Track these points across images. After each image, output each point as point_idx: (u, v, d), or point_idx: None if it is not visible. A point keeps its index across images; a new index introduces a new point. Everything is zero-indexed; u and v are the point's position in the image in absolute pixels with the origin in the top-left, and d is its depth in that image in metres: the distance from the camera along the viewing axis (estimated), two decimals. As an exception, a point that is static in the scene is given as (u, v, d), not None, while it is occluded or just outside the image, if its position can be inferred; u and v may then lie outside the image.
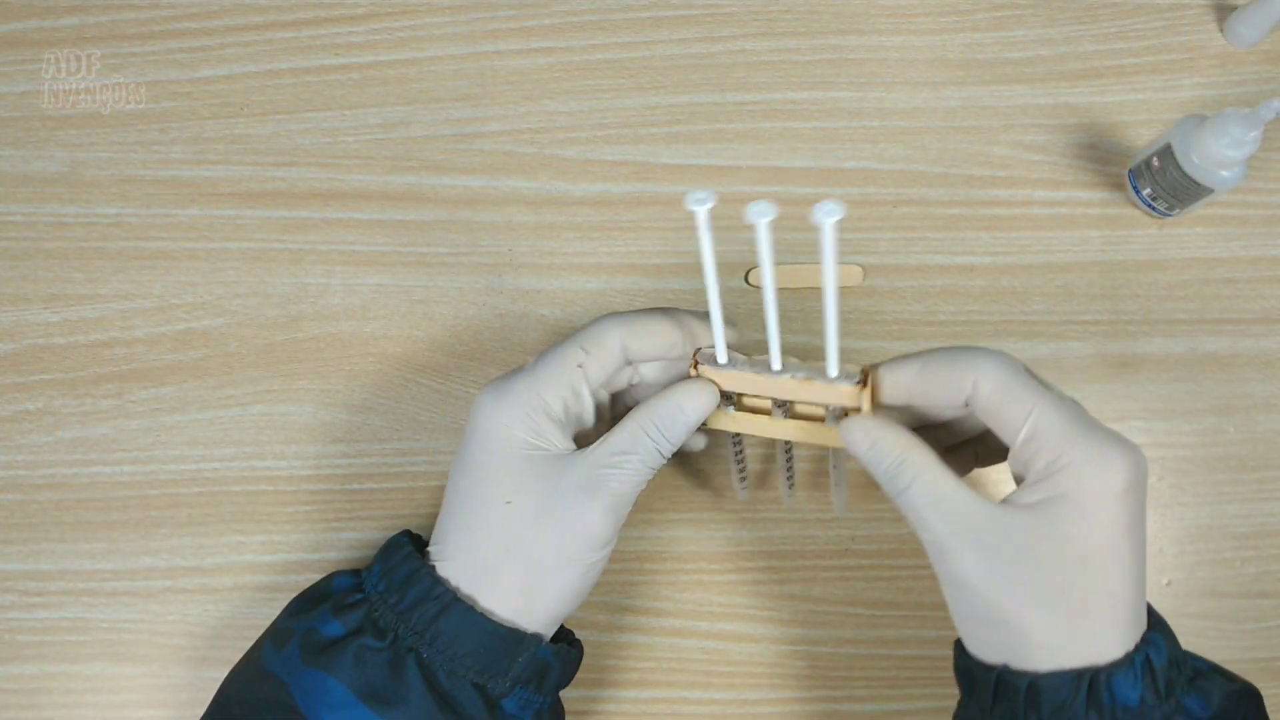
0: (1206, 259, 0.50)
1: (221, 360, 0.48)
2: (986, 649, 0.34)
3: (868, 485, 0.48)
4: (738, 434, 0.42)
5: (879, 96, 0.51)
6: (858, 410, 0.36)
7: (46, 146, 0.50)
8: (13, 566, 0.47)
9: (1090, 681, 0.32)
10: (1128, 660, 0.32)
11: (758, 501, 0.47)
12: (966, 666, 0.35)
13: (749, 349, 0.38)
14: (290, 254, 0.49)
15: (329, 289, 0.49)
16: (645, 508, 0.47)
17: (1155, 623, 0.34)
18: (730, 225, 0.51)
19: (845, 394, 0.36)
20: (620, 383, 0.40)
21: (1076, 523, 0.32)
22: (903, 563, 0.47)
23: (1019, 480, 0.35)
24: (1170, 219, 0.50)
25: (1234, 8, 0.51)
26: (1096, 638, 0.32)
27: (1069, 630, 0.32)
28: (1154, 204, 0.48)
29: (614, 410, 0.42)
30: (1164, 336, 0.49)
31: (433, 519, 0.47)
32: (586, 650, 0.43)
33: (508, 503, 0.36)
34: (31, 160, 0.50)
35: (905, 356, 0.36)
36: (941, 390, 0.35)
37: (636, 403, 0.41)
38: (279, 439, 0.48)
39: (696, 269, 0.49)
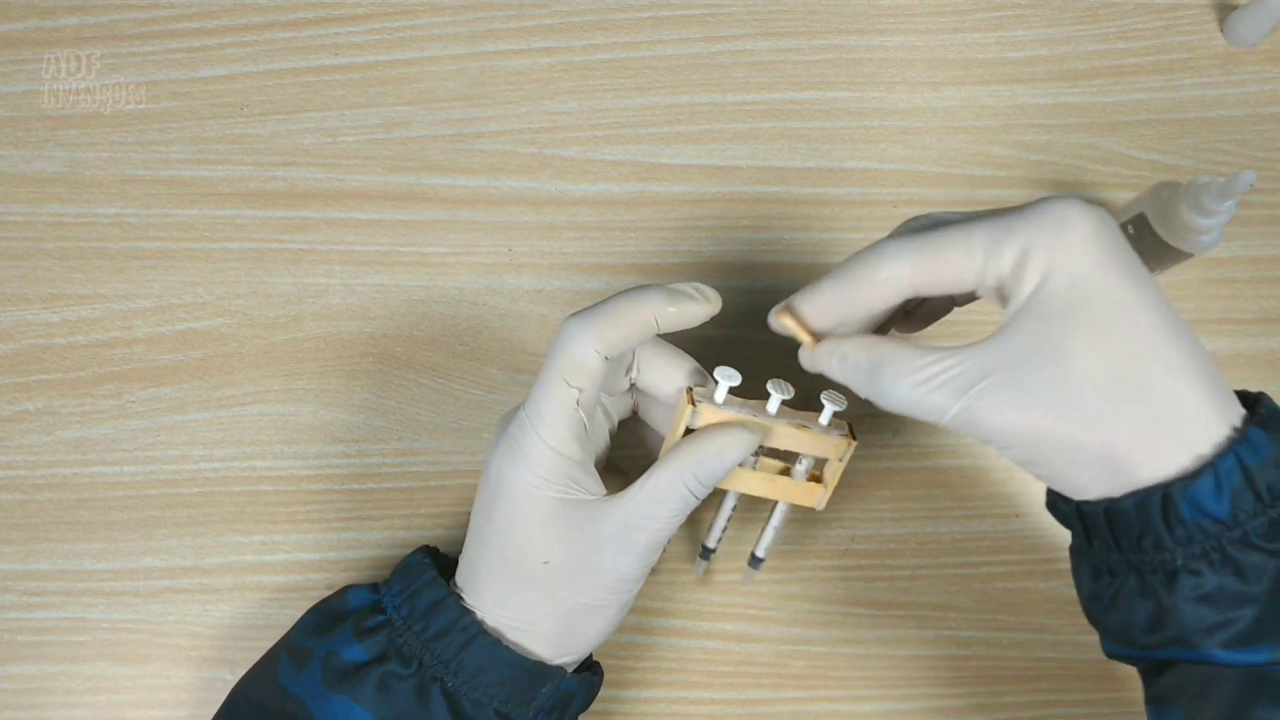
0: (1206, 259, 0.50)
1: (221, 360, 0.48)
2: (1070, 485, 0.30)
3: (869, 485, 0.48)
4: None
5: (879, 96, 0.51)
6: (839, 462, 0.38)
7: (46, 146, 0.50)
8: (12, 566, 0.47)
9: (1163, 499, 0.28)
10: (1206, 468, 0.28)
11: (757, 502, 0.47)
12: (1053, 503, 0.33)
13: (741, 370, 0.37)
14: (290, 254, 0.49)
15: (329, 289, 0.49)
16: (645, 508, 0.47)
17: (1265, 414, 0.29)
18: (730, 225, 0.51)
19: (834, 445, 0.37)
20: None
21: (1064, 293, 0.28)
22: (903, 563, 0.47)
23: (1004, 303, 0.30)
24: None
25: (1234, 8, 0.52)
26: (1160, 442, 0.28)
27: (1126, 441, 0.28)
28: None
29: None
30: (1164, 336, 0.49)
31: (434, 519, 0.47)
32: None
33: (546, 563, 0.35)
34: (31, 160, 0.50)
35: (813, 284, 0.33)
36: (866, 303, 0.32)
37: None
38: (279, 439, 0.48)
39: (697, 268, 0.50)
